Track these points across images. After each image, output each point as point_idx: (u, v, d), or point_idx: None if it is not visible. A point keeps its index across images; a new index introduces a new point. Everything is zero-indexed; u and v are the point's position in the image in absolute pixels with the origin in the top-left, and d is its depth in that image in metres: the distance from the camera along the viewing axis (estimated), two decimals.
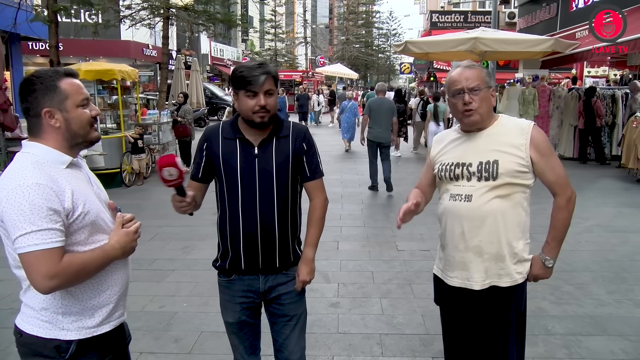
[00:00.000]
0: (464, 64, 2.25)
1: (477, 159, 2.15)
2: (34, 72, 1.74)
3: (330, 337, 3.67)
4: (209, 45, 33.16)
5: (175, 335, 3.70)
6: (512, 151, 2.11)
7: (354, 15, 56.96)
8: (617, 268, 4.98)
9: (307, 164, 2.26)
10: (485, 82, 2.16)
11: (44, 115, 1.68)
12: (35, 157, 1.65)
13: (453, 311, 2.33)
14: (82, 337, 1.71)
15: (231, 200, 2.17)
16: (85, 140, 1.77)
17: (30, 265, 1.56)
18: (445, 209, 2.25)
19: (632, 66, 15.17)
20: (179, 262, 5.20)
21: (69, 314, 1.70)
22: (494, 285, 2.17)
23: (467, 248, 2.18)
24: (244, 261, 2.20)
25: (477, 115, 2.15)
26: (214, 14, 16.14)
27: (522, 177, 2.12)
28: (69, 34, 17.95)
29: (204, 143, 2.22)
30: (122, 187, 9.08)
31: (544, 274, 2.24)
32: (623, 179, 9.45)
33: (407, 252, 5.49)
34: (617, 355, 3.40)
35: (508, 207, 2.13)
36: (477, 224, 2.14)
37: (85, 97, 1.75)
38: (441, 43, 11.06)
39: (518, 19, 20.12)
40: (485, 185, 2.12)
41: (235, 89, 2.12)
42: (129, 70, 9.54)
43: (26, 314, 1.71)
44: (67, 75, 1.73)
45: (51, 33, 9.60)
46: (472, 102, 2.14)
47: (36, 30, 11.01)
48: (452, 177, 2.21)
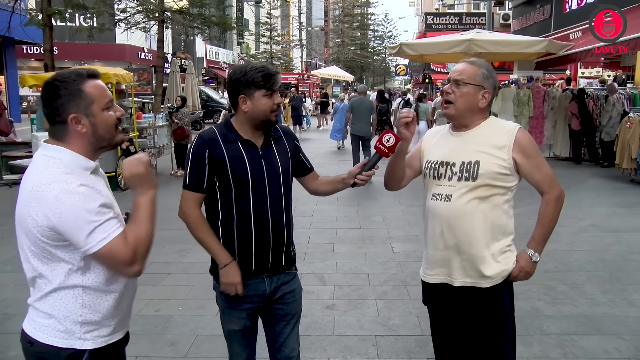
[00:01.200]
0: (471, 59, 2.23)
1: (460, 159, 2.14)
2: (54, 75, 1.68)
3: (326, 339, 3.67)
4: (204, 48, 33.17)
5: (171, 339, 3.69)
6: (494, 152, 2.10)
7: (349, 18, 57.19)
8: (612, 268, 5.01)
9: (304, 158, 2.40)
10: (475, 80, 2.13)
11: (71, 121, 1.63)
12: (64, 163, 1.62)
13: (437, 310, 2.35)
14: (98, 346, 1.70)
15: (240, 203, 2.14)
16: (111, 143, 1.74)
17: (109, 259, 1.58)
18: (427, 208, 2.27)
19: (625, 67, 15.28)
20: (175, 266, 5.20)
21: (87, 324, 1.67)
22: (475, 286, 2.17)
23: (446, 247, 2.19)
24: (254, 263, 2.19)
25: (453, 109, 2.15)
26: (209, 17, 16.18)
27: (503, 180, 2.11)
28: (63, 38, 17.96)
29: (205, 150, 2.11)
30: (118, 191, 9.05)
31: (530, 268, 2.20)
32: (617, 179, 9.50)
33: (403, 254, 5.51)
34: (611, 354, 3.42)
35: (487, 209, 2.11)
36: (455, 223, 2.14)
37: (110, 99, 1.71)
38: (436, 45, 11.10)
39: (512, 21, 20.21)
40: (465, 185, 2.11)
41: (249, 91, 2.09)
42: (124, 73, 9.53)
43: (39, 322, 1.66)
44: (90, 77, 1.68)
45: (46, 37, 9.60)
46: (451, 94, 2.14)
47: (31, 34, 11.01)
48: (435, 175, 2.21)
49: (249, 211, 2.14)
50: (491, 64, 2.32)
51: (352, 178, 2.22)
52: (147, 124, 10.79)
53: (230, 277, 2.14)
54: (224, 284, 2.17)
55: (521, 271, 2.19)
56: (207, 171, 2.12)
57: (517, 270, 2.19)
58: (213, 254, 2.19)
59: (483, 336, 2.21)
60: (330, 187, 2.41)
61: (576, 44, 11.21)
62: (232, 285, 2.16)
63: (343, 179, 2.31)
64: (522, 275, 2.20)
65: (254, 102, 2.10)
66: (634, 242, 5.78)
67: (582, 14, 12.93)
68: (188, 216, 2.16)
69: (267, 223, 2.17)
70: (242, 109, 2.12)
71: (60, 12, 10.01)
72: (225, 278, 2.15)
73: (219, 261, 2.16)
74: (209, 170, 2.12)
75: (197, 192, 2.15)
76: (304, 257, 5.25)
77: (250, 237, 2.16)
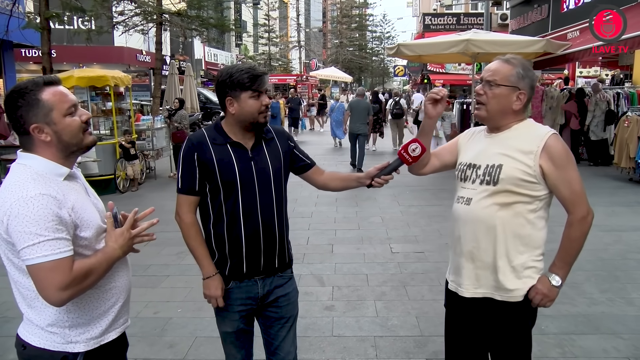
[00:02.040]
0: (503, 57, 2.08)
1: (486, 162, 2.04)
2: (14, 86, 1.67)
3: (324, 340, 3.68)
4: (202, 50, 33.15)
5: (170, 341, 3.70)
6: (518, 157, 1.96)
7: (348, 19, 57.19)
8: (610, 267, 5.02)
9: (302, 155, 2.36)
10: (509, 81, 1.99)
11: (33, 131, 1.62)
12: (34, 169, 1.61)
13: (451, 315, 2.30)
14: (90, 349, 1.70)
15: (229, 206, 2.13)
16: (81, 147, 1.71)
17: (42, 278, 1.51)
18: (452, 211, 2.20)
19: (623, 66, 15.28)
20: (174, 268, 5.20)
21: (76, 326, 1.67)
22: (489, 297, 2.06)
23: (461, 252, 2.11)
24: (245, 265, 2.19)
25: (484, 110, 2.04)
26: (207, 19, 16.19)
27: (527, 187, 1.96)
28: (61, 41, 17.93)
29: (194, 153, 2.12)
30: (117, 194, 9.06)
31: (548, 291, 2.00)
32: (616, 178, 9.51)
33: (402, 254, 5.51)
34: (609, 353, 3.42)
35: (508, 216, 1.97)
36: (471, 228, 2.05)
37: (72, 104, 1.67)
38: (434, 45, 11.11)
39: (510, 21, 20.21)
40: (485, 189, 2.01)
41: (235, 93, 2.08)
42: (122, 76, 9.54)
43: (31, 326, 1.67)
44: (47, 85, 1.64)
45: (44, 40, 9.59)
46: (483, 94, 2.03)
47: (29, 37, 10.99)
48: (462, 177, 2.14)
49: (238, 213, 2.13)
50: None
51: (368, 179, 2.23)
52: (145, 126, 10.80)
53: (211, 289, 2.18)
54: (205, 295, 2.21)
55: (537, 293, 2.01)
56: (197, 174, 2.13)
57: (533, 292, 2.01)
58: (198, 263, 2.21)
59: (495, 351, 2.15)
60: (342, 184, 2.42)
61: (574, 43, 11.22)
62: (212, 297, 2.20)
63: (359, 177, 2.31)
64: (538, 297, 2.01)
65: (240, 104, 2.09)
66: (632, 241, 5.80)
67: (580, 13, 12.95)
68: (182, 221, 2.18)
69: (257, 225, 2.16)
70: (229, 111, 2.12)
71: (58, 15, 10.00)
72: (206, 289, 2.20)
73: (203, 272, 2.20)
74: (200, 172, 2.13)
75: (190, 195, 2.16)
76: (302, 258, 5.26)
77: (240, 239, 2.15)
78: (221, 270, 2.21)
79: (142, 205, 1.87)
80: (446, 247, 5.59)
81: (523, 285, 2.03)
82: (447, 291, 2.27)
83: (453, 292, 2.19)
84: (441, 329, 3.74)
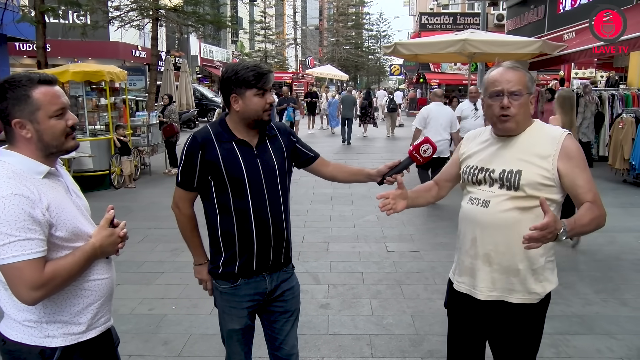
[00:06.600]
0: (507, 64, 2.06)
1: (501, 166, 2.02)
2: (7, 77, 1.65)
3: (320, 338, 3.67)
4: (198, 46, 33.05)
5: (165, 338, 3.68)
6: (537, 162, 1.96)
7: (344, 17, 57.18)
8: (604, 267, 5.04)
9: (305, 148, 2.39)
10: (527, 88, 1.99)
11: (14, 125, 1.61)
12: (11, 167, 1.59)
13: (458, 317, 2.26)
14: (68, 344, 1.69)
15: (237, 203, 2.13)
16: (60, 150, 1.69)
17: (13, 277, 1.51)
18: (462, 212, 2.16)
19: (618, 68, 15.35)
20: (168, 265, 5.17)
21: (53, 322, 1.67)
22: (503, 300, 2.05)
23: (476, 255, 2.07)
24: (256, 262, 2.19)
25: (514, 122, 1.99)
26: (203, 15, 16.11)
27: (546, 191, 1.95)
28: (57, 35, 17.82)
29: (198, 151, 2.10)
30: (111, 189, 9.01)
31: (555, 225, 1.67)
32: (610, 179, 9.55)
33: (397, 253, 5.51)
34: (603, 353, 3.44)
35: (528, 220, 1.91)
36: (490, 231, 2.02)
37: (61, 107, 1.65)
38: (430, 45, 11.11)
39: (506, 21, 20.25)
40: (506, 194, 1.99)
41: (240, 90, 2.08)
42: (117, 71, 9.48)
43: (10, 321, 1.68)
44: (42, 83, 1.62)
45: (38, 34, 9.53)
46: (511, 107, 1.97)
47: (23, 31, 10.90)
48: (474, 181, 2.10)
49: (248, 211, 2.13)
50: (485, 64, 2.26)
51: (379, 176, 2.30)
52: (140, 122, 10.73)
53: (202, 274, 2.32)
54: (198, 278, 2.36)
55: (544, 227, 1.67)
56: (197, 172, 2.12)
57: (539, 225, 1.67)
58: (192, 251, 2.32)
59: (501, 353, 2.14)
60: (350, 177, 2.48)
61: (570, 44, 11.25)
62: (204, 281, 2.33)
63: (369, 174, 2.37)
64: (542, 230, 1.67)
65: (245, 101, 2.09)
66: (626, 242, 5.83)
67: (576, 14, 12.99)
68: (181, 213, 2.24)
69: (267, 221, 2.16)
70: (234, 108, 2.12)
71: (53, 9, 9.94)
72: (198, 274, 2.35)
73: (195, 259, 2.33)
74: (200, 171, 2.12)
75: (187, 191, 2.20)
76: (298, 256, 5.25)
77: (251, 236, 2.16)
78: (229, 268, 2.19)
79: (137, 201, 1.86)
80: (441, 247, 5.66)
81: (542, 289, 2.04)
82: (453, 292, 2.24)
83: (463, 293, 2.16)
84: (437, 327, 3.74)
